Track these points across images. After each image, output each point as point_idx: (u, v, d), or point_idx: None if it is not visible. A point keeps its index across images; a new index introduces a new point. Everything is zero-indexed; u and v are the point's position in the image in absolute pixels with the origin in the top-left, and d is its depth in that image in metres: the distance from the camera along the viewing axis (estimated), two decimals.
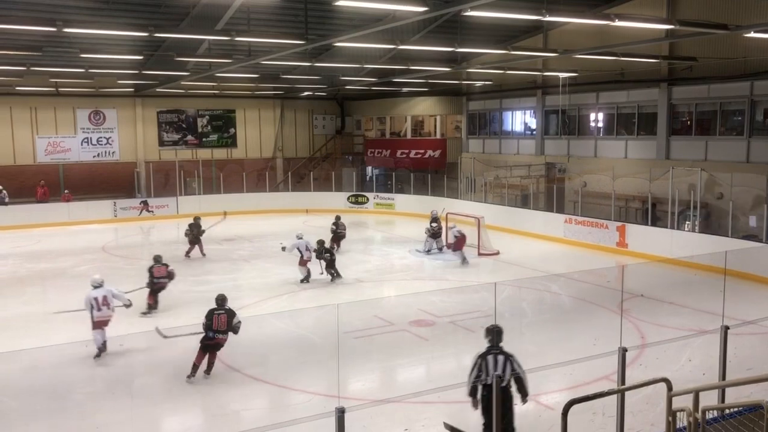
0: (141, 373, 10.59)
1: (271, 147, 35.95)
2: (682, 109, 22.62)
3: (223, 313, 10.44)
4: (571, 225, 21.81)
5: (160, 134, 33.24)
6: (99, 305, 11.55)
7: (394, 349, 12.14)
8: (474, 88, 30.99)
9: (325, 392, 9.36)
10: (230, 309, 10.56)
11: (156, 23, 18.34)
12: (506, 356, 7.54)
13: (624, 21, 14.13)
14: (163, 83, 27.03)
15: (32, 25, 15.87)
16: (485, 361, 7.54)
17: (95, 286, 11.85)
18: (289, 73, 26.73)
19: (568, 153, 26.41)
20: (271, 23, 20.59)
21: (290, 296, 15.46)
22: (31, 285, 17.05)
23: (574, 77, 23.75)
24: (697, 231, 18.79)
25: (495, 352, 7.61)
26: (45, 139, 30.46)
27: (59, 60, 23.08)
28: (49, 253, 21.10)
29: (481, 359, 7.57)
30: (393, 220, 28.87)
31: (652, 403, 8.26)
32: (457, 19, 20.02)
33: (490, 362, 7.51)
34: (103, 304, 11.59)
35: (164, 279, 14.63)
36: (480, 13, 13.26)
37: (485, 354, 7.61)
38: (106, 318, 11.56)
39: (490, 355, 7.58)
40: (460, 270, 18.56)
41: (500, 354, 7.55)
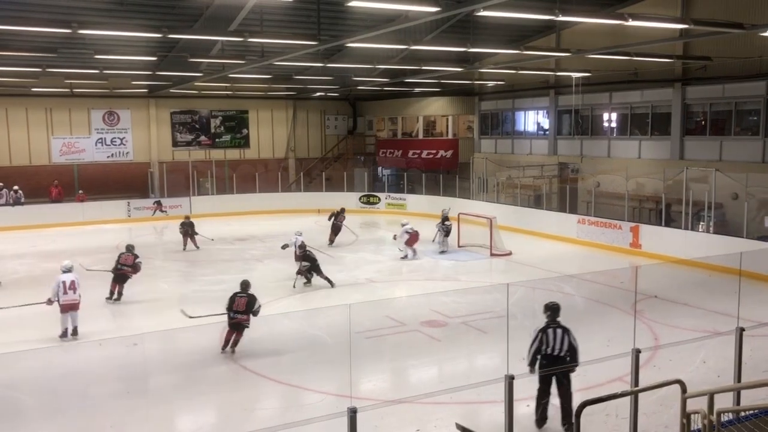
0: (155, 371, 10.65)
1: (283, 147, 36.06)
2: (696, 109, 22.46)
3: (245, 296, 11.47)
4: (584, 225, 21.71)
5: (174, 135, 33.44)
6: (66, 289, 12.07)
7: (406, 350, 12.14)
8: (486, 88, 30.93)
9: (337, 392, 9.37)
10: (252, 294, 11.56)
11: (169, 24, 18.45)
12: (564, 329, 8.37)
13: (637, 21, 14.05)
14: (177, 84, 27.18)
15: (48, 26, 16.05)
16: (546, 334, 8.34)
17: (64, 270, 12.46)
18: (302, 73, 26.81)
19: (581, 153, 26.29)
20: (283, 24, 20.66)
21: (302, 296, 15.50)
22: (46, 284, 17.14)
23: (588, 77, 23.64)
24: (712, 232, 18.64)
25: (554, 326, 8.40)
26: (60, 139, 30.74)
27: (74, 61, 23.27)
28: (63, 252, 21.23)
29: (542, 333, 8.36)
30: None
31: (666, 404, 8.21)
32: (469, 19, 20.00)
33: (550, 335, 8.34)
34: (69, 288, 12.09)
35: (127, 267, 14.98)
36: (492, 13, 13.23)
37: (545, 328, 8.39)
38: (72, 302, 12.04)
39: (549, 329, 8.38)
40: (473, 271, 18.54)
41: (558, 327, 8.36)
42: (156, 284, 17.26)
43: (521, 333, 12.00)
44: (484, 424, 8.55)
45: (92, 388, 10.36)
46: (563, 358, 8.29)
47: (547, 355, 8.30)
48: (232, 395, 10.00)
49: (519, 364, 9.34)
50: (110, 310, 14.96)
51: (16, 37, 20.22)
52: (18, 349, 10.62)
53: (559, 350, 8.26)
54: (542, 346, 8.34)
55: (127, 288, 16.05)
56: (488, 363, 11.21)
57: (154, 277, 18.04)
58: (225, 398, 9.91)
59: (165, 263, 19.96)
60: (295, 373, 10.63)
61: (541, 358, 8.35)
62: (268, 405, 9.70)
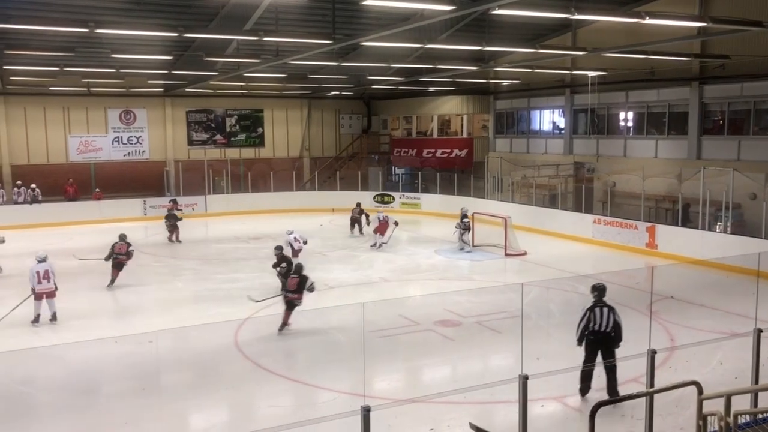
0: (170, 369, 10.70)
1: (298, 146, 36.16)
2: (714, 108, 22.23)
3: (296, 277, 12.60)
4: (600, 225, 21.57)
5: (189, 134, 33.63)
6: (40, 278, 12.92)
7: (420, 349, 12.12)
8: (501, 87, 30.81)
9: (351, 391, 9.37)
10: (304, 275, 12.67)
11: (185, 24, 18.55)
12: (609, 308, 9.21)
13: (655, 19, 13.93)
14: (192, 83, 27.34)
15: (65, 26, 16.19)
16: (593, 313, 9.19)
17: (38, 260, 13.20)
18: (317, 72, 26.84)
19: (597, 152, 26.12)
20: (298, 23, 20.70)
21: (316, 295, 15.50)
22: (62, 282, 17.31)
23: (604, 76, 23.48)
24: (729, 232, 18.44)
25: (600, 305, 9.22)
26: (77, 138, 31.02)
27: (91, 60, 23.47)
28: (80, 250, 21.43)
29: (589, 311, 9.24)
30: (419, 219, 28.82)
31: (682, 406, 8.13)
32: (484, 17, 19.92)
33: (597, 313, 9.16)
34: (43, 278, 12.95)
35: (122, 256, 16.19)
36: (508, 12, 13.18)
37: (593, 307, 9.25)
38: (46, 290, 12.94)
39: (597, 308, 9.21)
40: (487, 270, 18.48)
41: (605, 306, 9.20)
42: (171, 282, 17.38)
43: (535, 333, 11.96)
44: (498, 424, 8.51)
45: (107, 385, 10.44)
46: (609, 334, 9.13)
47: (594, 331, 9.14)
48: (245, 393, 10.04)
49: (533, 363, 9.28)
50: (124, 307, 15.08)
51: (35, 37, 20.44)
52: (32, 346, 10.73)
53: (605, 327, 9.10)
54: (590, 323, 9.15)
55: (141, 286, 16.19)
56: (502, 363, 11.16)
57: (168, 276, 18.17)
58: (238, 396, 9.95)
59: (180, 262, 20.08)
60: (308, 371, 10.65)
61: (588, 334, 9.17)
62: (281, 403, 9.72)
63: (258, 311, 13.95)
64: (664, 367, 9.84)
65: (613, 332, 9.14)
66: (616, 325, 9.16)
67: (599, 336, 9.13)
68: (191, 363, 11.16)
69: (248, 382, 10.39)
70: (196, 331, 12.28)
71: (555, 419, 8.88)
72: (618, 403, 8.37)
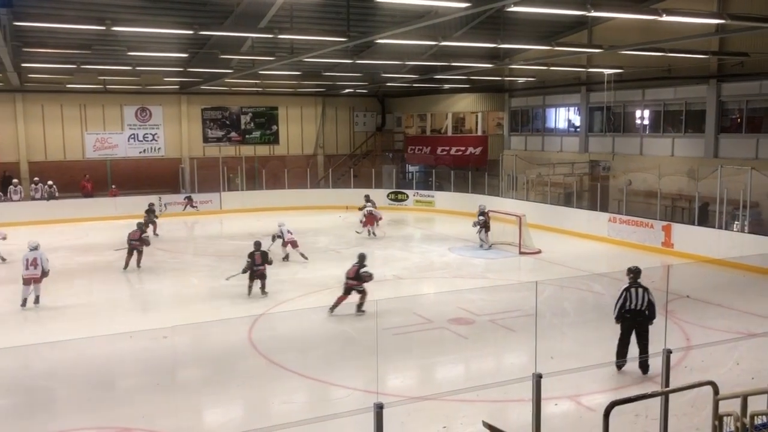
0: (185, 364, 10.79)
1: (312, 144, 36.23)
2: (731, 106, 22.01)
3: (356, 265, 13.45)
4: (615, 224, 21.43)
5: (205, 131, 33.80)
6: (27, 265, 13.92)
7: (433, 347, 12.12)
8: (516, 85, 30.69)
9: (364, 388, 9.40)
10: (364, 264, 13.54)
11: (201, 21, 18.65)
12: (644, 289, 10.14)
13: (672, 16, 13.80)
14: (208, 81, 27.46)
15: (82, 24, 16.30)
16: (629, 293, 10.11)
17: (30, 248, 14.22)
18: (331, 70, 26.87)
19: (612, 150, 25.95)
20: (313, 21, 20.74)
21: (330, 292, 15.52)
22: (79, 277, 17.52)
23: (620, 73, 23.31)
24: (747, 231, 18.26)
25: (636, 286, 10.13)
26: (93, 135, 31.28)
27: (107, 58, 23.64)
28: (96, 246, 21.65)
29: (626, 291, 10.16)
30: (433, 217, 28.81)
31: (698, 406, 8.08)
32: (499, 14, 19.83)
33: (632, 293, 10.09)
34: (31, 264, 13.92)
35: (135, 242, 17.83)
36: (523, 9, 13.16)
37: (629, 288, 10.16)
38: (32, 276, 13.91)
39: (632, 288, 10.13)
40: (501, 269, 18.43)
41: (640, 287, 10.13)
42: (186, 278, 17.49)
43: (550, 331, 11.93)
44: (512, 422, 8.49)
45: (123, 379, 10.54)
46: (643, 312, 10.04)
47: (630, 309, 10.04)
48: (259, 389, 10.09)
49: (547, 362, 9.26)
50: (140, 302, 15.20)
51: (52, 35, 20.63)
52: (51, 340, 10.85)
53: (640, 305, 10.01)
54: (626, 302, 10.04)
55: (157, 282, 16.31)
56: (516, 361, 11.14)
57: (184, 272, 18.29)
58: (252, 392, 10.00)
59: (195, 258, 20.21)
60: (322, 368, 10.68)
61: (625, 312, 10.05)
62: (294, 399, 9.75)
63: (272, 308, 14.02)
64: (680, 367, 9.77)
65: (647, 311, 10.05)
66: (650, 304, 10.06)
67: (635, 314, 10.02)
68: (206, 359, 11.23)
69: (262, 379, 10.44)
70: (211, 327, 12.37)
71: (569, 418, 8.85)
72: (632, 403, 8.32)
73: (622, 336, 10.14)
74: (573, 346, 11.52)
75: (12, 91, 28.94)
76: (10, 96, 29.39)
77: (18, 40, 19.52)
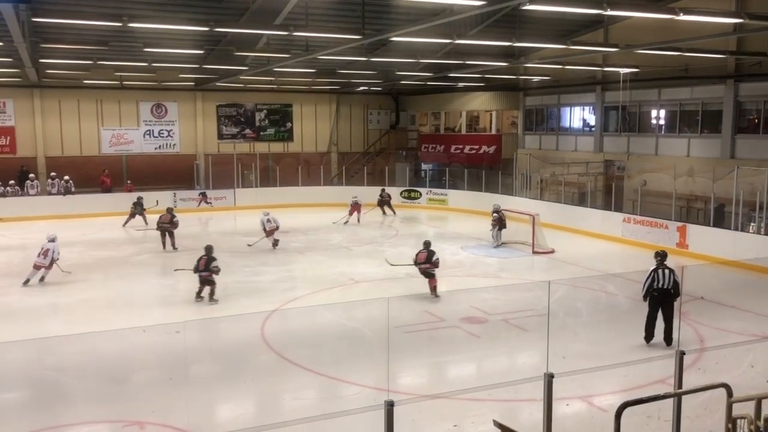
0: (197, 359, 10.85)
1: (326, 141, 36.30)
2: (749, 107, 21.80)
3: (425, 251, 14.72)
4: (630, 224, 21.30)
5: (219, 127, 33.98)
6: (39, 254, 15.69)
7: (445, 345, 12.11)
8: (531, 84, 30.57)
9: (375, 385, 9.41)
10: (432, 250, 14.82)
11: (216, 18, 18.71)
12: (670, 270, 11.39)
13: (689, 15, 13.66)
14: (223, 77, 27.58)
15: (100, 20, 16.42)
16: (657, 273, 11.32)
17: (48, 239, 15.94)
18: (345, 68, 26.92)
19: (627, 150, 25.79)
20: (328, 18, 20.75)
21: (342, 289, 15.60)
22: (95, 272, 17.68)
23: (636, 73, 23.14)
24: (763, 233, 18.08)
25: (663, 267, 11.37)
26: (109, 131, 31.55)
27: (124, 54, 23.82)
28: (111, 241, 21.83)
29: (653, 272, 11.38)
30: (446, 215, 28.77)
31: (711, 408, 8.01)
32: (515, 13, 19.76)
33: (660, 274, 11.30)
34: (42, 254, 15.65)
35: (166, 224, 20.04)
36: (539, 7, 13.10)
37: (656, 269, 11.40)
38: (40, 264, 15.62)
39: (660, 269, 11.36)
40: (514, 268, 18.38)
41: (666, 268, 11.38)
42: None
43: (562, 331, 11.89)
44: (523, 422, 8.47)
45: (135, 373, 10.62)
46: (669, 291, 11.21)
47: (657, 288, 11.23)
48: (271, 385, 10.13)
49: (559, 362, 9.22)
50: (154, 297, 15.29)
51: (70, 31, 20.80)
52: (65, 334, 10.95)
53: (667, 285, 11.19)
54: (654, 282, 11.24)
55: (170, 277, 16.42)
56: (528, 361, 11.10)
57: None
58: (264, 387, 10.05)
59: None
60: (333, 365, 10.70)
61: (653, 291, 11.24)
62: (305, 396, 9.79)
63: (285, 304, 14.07)
64: (693, 369, 9.70)
65: (673, 290, 11.19)
66: (675, 284, 11.22)
67: (662, 293, 11.20)
68: (218, 354, 11.30)
69: (274, 374, 10.49)
70: (224, 323, 12.45)
71: (580, 419, 8.82)
72: (644, 404, 8.28)
73: (650, 313, 11.34)
74: (585, 346, 11.47)
75: (30, 86, 29.26)
76: (28, 91, 29.71)
77: (36, 36, 19.70)
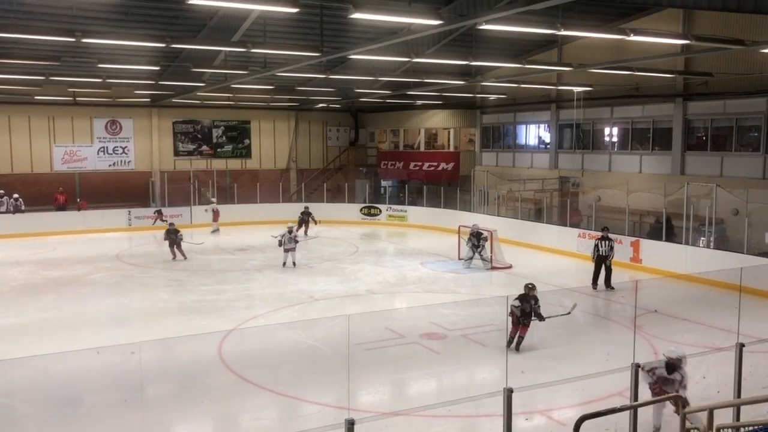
0: (153, 380, 10.61)
1: (285, 158, 36.13)
2: (697, 125, 22.50)
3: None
4: (585, 239, 21.69)
5: (176, 144, 33.50)
6: None
7: (405, 362, 12.10)
8: (488, 102, 31.03)
9: (336, 404, 9.34)
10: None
11: (173, 34, 18.53)
12: (609, 239, 17.17)
13: (639, 36, 14.08)
14: (180, 94, 27.28)
15: (52, 35, 16.06)
16: (600, 242, 17.08)
17: None
18: (304, 84, 26.92)
19: (582, 167, 26.33)
20: (287, 35, 20.76)
21: (302, 307, 15.48)
22: (46, 292, 17.19)
23: (589, 91, 23.71)
24: (712, 247, 18.61)
25: (604, 239, 17.08)
26: (62, 147, 30.81)
27: (77, 70, 23.37)
28: (64, 260, 21.28)
29: (598, 241, 17.16)
30: (405, 232, 28.87)
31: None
32: (471, 32, 20.09)
33: (601, 244, 17.03)
34: None
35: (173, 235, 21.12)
36: (495, 27, 13.31)
37: (601, 239, 17.13)
38: None
39: (601, 240, 17.04)
40: (473, 283, 18.52)
41: (606, 239, 17.13)
42: (155, 293, 17.26)
43: (520, 346, 11.98)
44: None
45: (88, 396, 10.33)
46: (608, 256, 16.98)
47: (599, 255, 16.99)
48: (229, 405, 9.96)
49: (518, 377, 9.31)
50: (108, 317, 14.93)
51: (20, 45, 20.34)
52: (14, 357, 10.59)
53: (606, 252, 16.93)
54: (597, 249, 17.04)
55: (126, 296, 16.05)
56: (487, 376, 11.17)
57: (153, 286, 18.05)
58: (222, 408, 9.87)
59: (165, 272, 19.95)
60: (293, 384, 10.59)
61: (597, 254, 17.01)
62: (265, 416, 9.65)
63: (243, 323, 13.89)
64: None
65: (609, 254, 16.95)
66: (611, 248, 17.03)
67: (602, 258, 16.91)
68: (175, 375, 11.08)
69: (232, 395, 10.32)
70: (180, 343, 12.21)
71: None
72: (602, 417, 8.40)
73: (596, 269, 16.99)
74: (543, 361, 11.60)
75: None
76: None
77: None
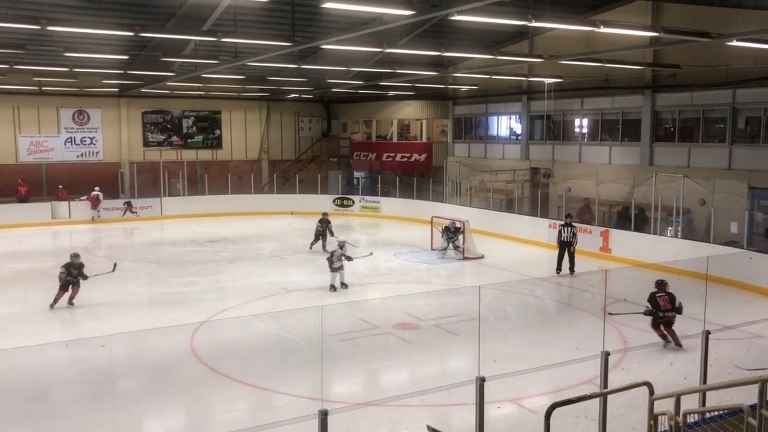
0: (123, 374, 10.49)
1: (256, 149, 35.84)
2: (665, 116, 22.83)
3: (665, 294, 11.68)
4: (555, 229, 21.85)
5: (145, 135, 33.00)
6: None
7: (378, 352, 12.14)
8: (460, 93, 31.10)
9: (309, 395, 9.33)
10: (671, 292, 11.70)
11: (142, 23, 18.22)
12: (572, 227, 17.92)
13: (609, 28, 14.22)
14: (149, 83, 26.85)
15: (15, 22, 15.71)
16: (562, 229, 17.81)
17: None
18: (276, 74, 26.69)
19: (552, 158, 26.57)
20: (258, 25, 20.54)
21: (275, 298, 15.42)
22: (13, 285, 16.88)
23: (560, 83, 23.89)
24: (680, 237, 18.94)
25: (567, 226, 17.76)
26: (28, 138, 30.14)
27: (43, 58, 22.86)
28: (31, 253, 20.89)
29: (561, 227, 18.00)
30: (378, 223, 28.89)
31: (634, 406, 8.32)
32: (444, 23, 20.09)
33: (563, 230, 17.79)
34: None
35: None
36: (467, 18, 13.32)
37: (563, 226, 17.93)
38: None
39: (564, 227, 17.85)
40: (446, 273, 18.62)
41: (569, 226, 17.84)
42: (125, 286, 17.03)
43: (493, 335, 12.11)
44: (456, 426, 8.58)
45: (57, 391, 10.18)
46: (570, 242, 17.77)
47: (562, 241, 17.90)
48: (201, 398, 9.90)
49: (490, 366, 9.35)
50: (76, 312, 14.70)
51: None
52: None
53: (569, 238, 17.80)
54: (560, 236, 17.94)
55: (95, 289, 15.82)
56: (459, 365, 11.25)
57: (123, 279, 17.78)
58: (194, 401, 9.81)
59: (135, 265, 19.71)
60: (265, 375, 10.56)
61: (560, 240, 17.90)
62: (237, 408, 9.60)
63: (215, 315, 13.79)
64: (618, 369, 10.05)
65: (572, 240, 17.70)
66: (574, 236, 17.73)
67: (564, 244, 17.68)
68: (146, 368, 10.96)
69: (204, 387, 10.25)
70: (151, 335, 12.08)
71: (511, 421, 9.00)
72: (573, 404, 8.52)
73: (560, 253, 17.73)
74: (515, 349, 11.72)
75: None
76: None
77: None
